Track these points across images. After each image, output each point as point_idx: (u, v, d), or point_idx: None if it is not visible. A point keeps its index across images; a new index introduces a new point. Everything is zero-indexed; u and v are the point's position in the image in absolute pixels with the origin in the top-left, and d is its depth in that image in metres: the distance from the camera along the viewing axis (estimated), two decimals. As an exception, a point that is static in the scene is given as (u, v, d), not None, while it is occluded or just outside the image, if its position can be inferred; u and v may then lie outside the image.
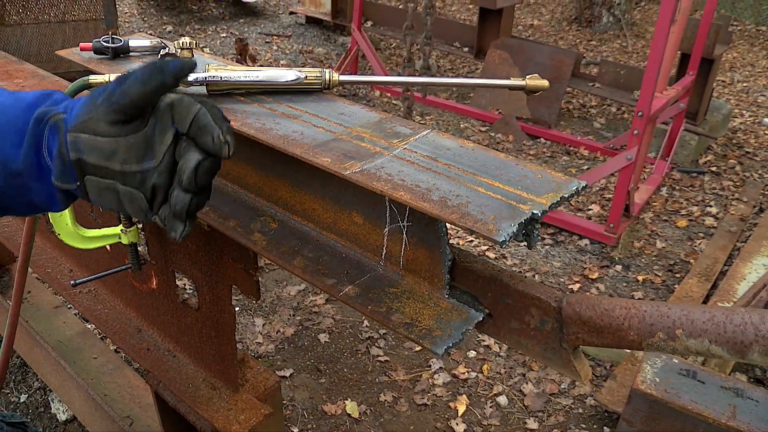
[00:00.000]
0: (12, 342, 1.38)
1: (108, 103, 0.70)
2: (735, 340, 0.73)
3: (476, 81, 1.18)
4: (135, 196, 0.73)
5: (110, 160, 0.71)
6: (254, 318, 3.18)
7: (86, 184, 0.74)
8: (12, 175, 0.73)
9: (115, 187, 0.73)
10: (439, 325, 0.89)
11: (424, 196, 0.81)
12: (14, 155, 0.72)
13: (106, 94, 0.71)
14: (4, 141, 0.72)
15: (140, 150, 0.72)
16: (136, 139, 0.71)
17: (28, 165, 0.73)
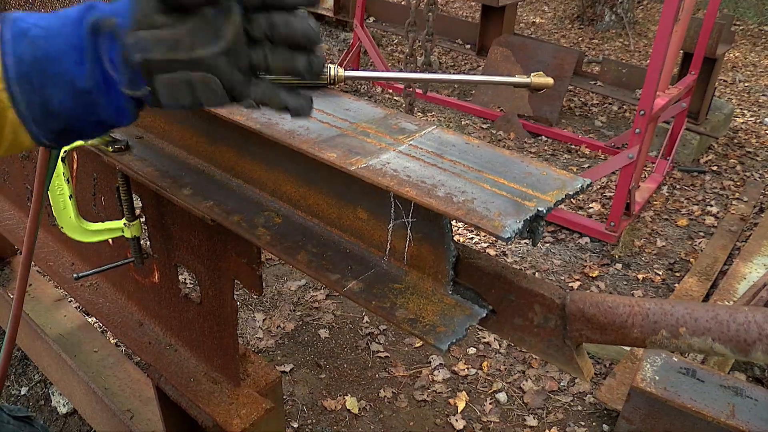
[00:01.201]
0: (15, 336, 1.39)
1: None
2: (738, 338, 0.74)
3: (482, 78, 1.18)
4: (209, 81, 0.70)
5: (176, 50, 0.68)
6: (255, 313, 3.18)
7: (156, 84, 0.71)
8: (81, 94, 0.71)
9: (188, 76, 0.70)
10: (442, 321, 0.89)
11: (430, 192, 0.81)
12: (80, 73, 0.71)
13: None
14: (67, 61, 0.70)
15: (203, 33, 0.68)
16: (196, 23, 0.68)
17: (95, 80, 0.71)
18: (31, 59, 0.70)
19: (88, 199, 1.67)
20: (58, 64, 0.70)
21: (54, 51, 0.70)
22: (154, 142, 1.36)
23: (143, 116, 1.39)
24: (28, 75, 0.70)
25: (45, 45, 0.70)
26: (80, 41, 0.71)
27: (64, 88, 0.71)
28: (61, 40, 0.71)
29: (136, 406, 2.02)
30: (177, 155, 1.31)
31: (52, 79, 0.71)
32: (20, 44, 0.70)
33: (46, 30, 0.71)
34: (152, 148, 1.34)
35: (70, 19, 0.72)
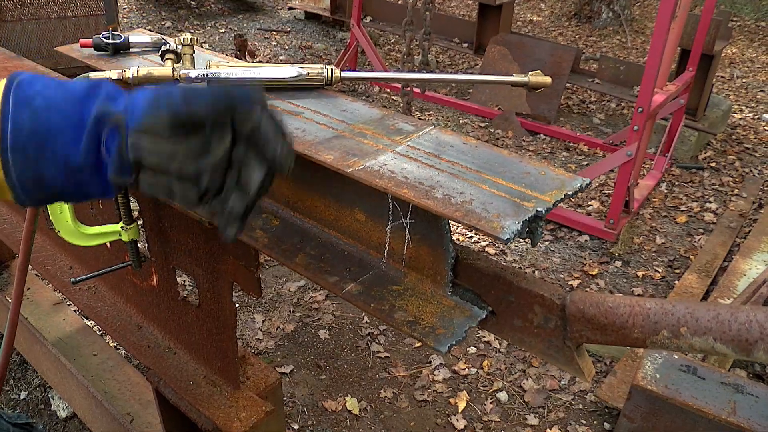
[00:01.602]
0: (12, 340, 1.38)
1: (173, 115, 0.72)
2: (740, 338, 0.73)
3: (479, 78, 1.17)
4: (187, 191, 0.75)
5: (169, 161, 0.73)
6: (254, 314, 3.18)
7: (141, 179, 0.75)
8: (72, 171, 0.74)
9: (170, 184, 0.75)
10: (442, 323, 0.89)
11: (428, 193, 0.81)
12: (74, 152, 0.73)
13: (172, 108, 0.72)
14: (64, 138, 0.73)
15: (198, 151, 0.73)
16: (195, 142, 0.73)
17: (88, 162, 0.74)
18: (30, 131, 0.72)
19: (86, 202, 1.66)
20: (54, 140, 0.72)
21: (53, 126, 0.72)
22: (150, 145, 1.35)
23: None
24: (25, 147, 0.72)
25: (45, 118, 0.72)
26: (80, 120, 0.73)
27: (57, 164, 0.73)
28: (61, 116, 0.73)
29: (136, 409, 2.02)
30: (174, 158, 1.30)
31: (48, 154, 0.73)
32: (22, 113, 0.72)
33: (49, 102, 0.73)
34: (149, 151, 1.33)
35: (74, 95, 0.74)
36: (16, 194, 0.74)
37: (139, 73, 1.05)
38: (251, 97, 0.74)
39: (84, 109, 0.73)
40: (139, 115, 0.73)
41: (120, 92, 0.77)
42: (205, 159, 0.74)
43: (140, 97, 0.74)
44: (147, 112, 0.72)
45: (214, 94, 0.73)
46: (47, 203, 0.78)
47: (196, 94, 0.73)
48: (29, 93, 0.73)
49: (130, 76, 1.05)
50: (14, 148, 0.71)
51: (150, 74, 1.06)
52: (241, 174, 0.76)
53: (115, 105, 0.75)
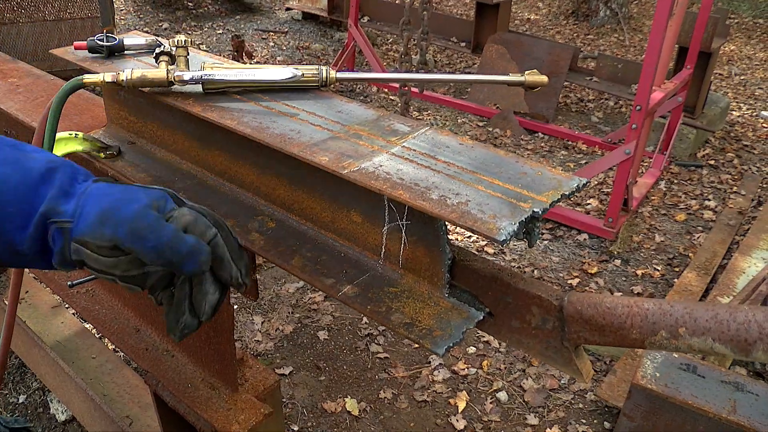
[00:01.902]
0: (9, 343, 1.37)
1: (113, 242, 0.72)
2: (739, 338, 0.73)
3: (475, 77, 1.17)
4: (132, 288, 0.78)
5: (112, 269, 0.74)
6: (253, 316, 3.17)
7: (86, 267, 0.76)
8: (16, 254, 0.75)
9: (115, 280, 0.77)
10: (439, 325, 0.88)
11: (423, 194, 0.80)
12: (19, 238, 0.73)
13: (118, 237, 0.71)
14: (11, 224, 0.73)
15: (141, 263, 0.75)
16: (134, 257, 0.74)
17: (34, 250, 0.75)
18: None
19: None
20: (3, 224, 0.73)
21: (4, 210, 0.72)
22: (146, 148, 1.35)
23: (134, 122, 1.38)
24: None
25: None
26: (30, 210, 0.73)
27: (3, 245, 0.74)
28: (12, 200, 0.72)
29: (135, 412, 2.01)
30: (169, 160, 1.30)
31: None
32: None
33: (2, 183, 0.73)
34: (144, 154, 1.33)
35: (29, 179, 0.74)
36: None
37: (132, 76, 1.05)
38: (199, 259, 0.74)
39: (36, 198, 0.73)
40: (83, 228, 0.72)
41: (75, 183, 0.76)
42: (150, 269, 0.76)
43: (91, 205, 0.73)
44: (91, 228, 0.72)
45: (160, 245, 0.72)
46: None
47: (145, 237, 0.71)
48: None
49: (124, 78, 1.05)
50: None
51: (144, 76, 1.05)
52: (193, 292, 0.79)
53: (66, 203, 0.74)
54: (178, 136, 1.27)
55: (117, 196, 0.74)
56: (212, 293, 0.79)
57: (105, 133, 1.45)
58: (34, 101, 1.78)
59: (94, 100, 1.79)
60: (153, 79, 1.05)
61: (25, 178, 0.73)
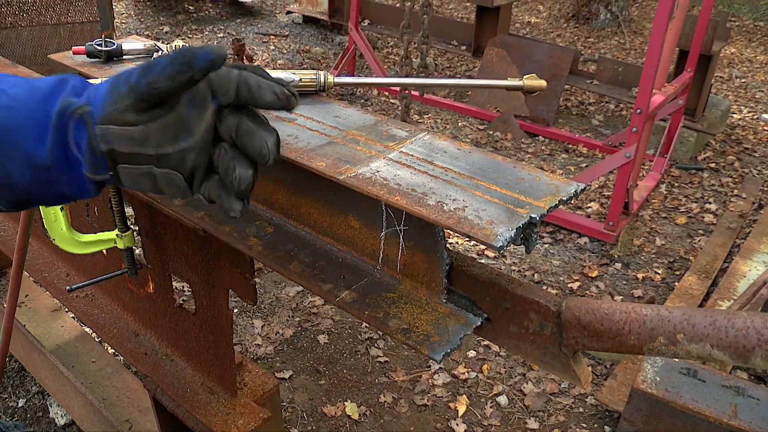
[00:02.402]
0: (7, 347, 1.37)
1: (134, 94, 0.67)
2: (737, 344, 0.72)
3: (474, 82, 1.16)
4: (172, 177, 0.70)
5: (143, 146, 0.68)
6: (253, 320, 3.17)
7: (119, 172, 0.71)
8: (39, 170, 0.70)
9: (151, 171, 0.70)
10: (437, 331, 0.88)
11: (420, 200, 0.80)
12: (39, 150, 0.69)
13: (131, 86, 0.67)
14: (26, 136, 0.69)
15: (174, 130, 0.68)
16: (168, 120, 0.68)
17: (56, 159, 0.70)
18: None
19: (81, 209, 1.65)
20: (17, 138, 0.69)
21: (15, 124, 0.69)
22: (144, 152, 1.34)
23: (133, 126, 1.38)
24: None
25: (8, 116, 0.69)
26: (44, 118, 0.69)
27: (21, 162, 0.70)
28: (23, 113, 0.69)
29: (134, 416, 2.01)
30: (168, 165, 1.30)
31: (11, 152, 0.69)
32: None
33: (13, 100, 0.70)
34: (143, 158, 1.33)
35: (39, 92, 0.70)
36: None
37: (131, 81, 1.04)
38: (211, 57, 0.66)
39: (49, 106, 0.69)
40: (101, 102, 0.68)
41: (86, 85, 0.72)
42: (185, 138, 0.69)
43: (102, 85, 0.70)
44: (108, 97, 0.68)
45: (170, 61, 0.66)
46: (23, 207, 0.74)
47: (153, 65, 0.66)
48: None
49: (122, 83, 1.04)
50: None
51: (142, 82, 1.05)
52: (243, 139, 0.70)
53: (78, 97, 0.70)
54: (177, 141, 1.27)
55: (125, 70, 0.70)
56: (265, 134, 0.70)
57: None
58: (34, 105, 1.78)
59: (94, 104, 1.79)
60: (151, 84, 1.05)
61: (35, 91, 0.70)
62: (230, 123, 0.70)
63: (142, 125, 0.68)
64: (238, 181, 0.70)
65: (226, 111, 0.71)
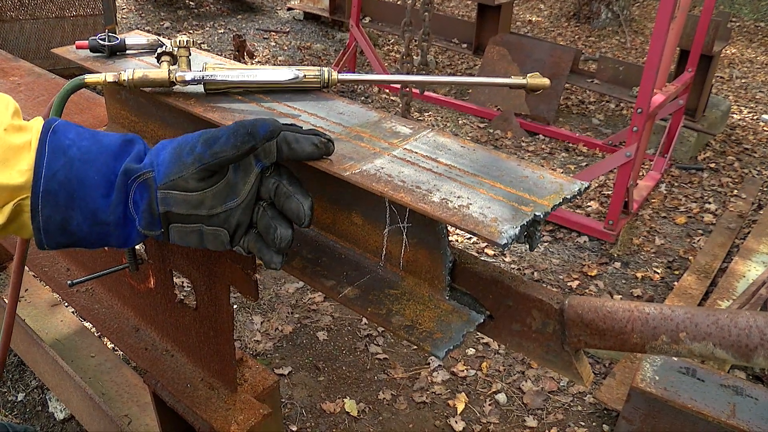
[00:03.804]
0: (8, 341, 1.37)
1: (198, 163, 0.74)
2: (740, 343, 0.72)
3: (477, 80, 1.16)
4: (219, 234, 0.78)
5: (198, 208, 0.75)
6: (253, 316, 3.17)
7: (171, 230, 0.78)
8: (99, 223, 0.75)
9: (201, 229, 0.77)
10: (439, 328, 0.88)
11: (425, 197, 0.80)
12: (103, 206, 0.74)
13: (196, 156, 0.74)
14: (95, 192, 0.74)
15: (225, 193, 0.76)
16: (221, 186, 0.76)
17: (117, 216, 0.75)
18: (63, 180, 0.72)
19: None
20: (85, 193, 0.73)
21: (86, 179, 0.73)
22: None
23: (136, 121, 1.38)
24: (56, 193, 0.72)
25: (79, 169, 0.73)
26: (111, 176, 0.74)
27: (85, 215, 0.74)
28: (94, 169, 0.74)
29: (133, 411, 2.01)
30: (170, 160, 1.30)
31: (77, 204, 0.73)
32: (57, 160, 0.72)
33: (84, 154, 0.74)
34: (145, 153, 1.33)
35: (108, 150, 0.75)
36: (38, 237, 0.75)
37: (134, 76, 1.04)
38: (270, 127, 0.75)
39: (116, 166, 0.75)
40: (164, 169, 0.74)
41: (147, 149, 0.78)
42: (232, 199, 0.76)
43: (163, 152, 0.76)
44: (172, 165, 0.74)
45: (233, 133, 0.74)
46: (65, 248, 0.78)
47: (215, 137, 0.74)
48: (65, 141, 0.73)
49: (126, 78, 1.04)
50: (46, 193, 0.72)
51: (146, 77, 1.05)
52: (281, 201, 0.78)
53: (140, 162, 0.76)
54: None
55: (179, 139, 0.77)
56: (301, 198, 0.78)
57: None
58: (36, 100, 1.78)
59: (96, 99, 1.79)
60: (154, 80, 1.05)
61: (105, 149, 0.75)
62: (270, 185, 0.78)
63: (201, 192, 0.75)
64: (280, 239, 0.78)
65: (267, 176, 0.79)
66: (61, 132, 0.74)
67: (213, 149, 0.73)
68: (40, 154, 0.72)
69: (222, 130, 0.74)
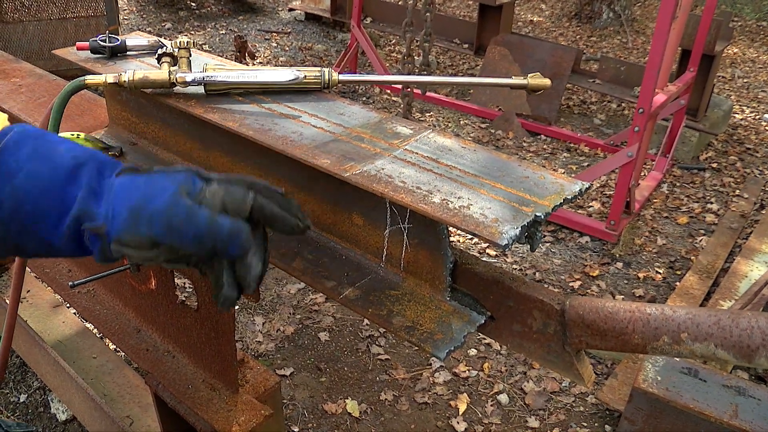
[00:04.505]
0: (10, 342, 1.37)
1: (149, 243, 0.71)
2: (741, 344, 0.72)
3: (478, 80, 1.16)
4: (179, 267, 0.77)
5: (154, 260, 0.74)
6: (254, 317, 3.17)
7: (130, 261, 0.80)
8: (53, 249, 0.73)
9: (160, 263, 0.76)
10: (440, 328, 0.88)
11: (425, 198, 0.80)
12: (55, 237, 0.72)
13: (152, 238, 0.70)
14: (45, 222, 0.71)
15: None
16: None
17: (71, 249, 0.73)
18: (11, 210, 0.70)
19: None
20: (35, 224, 0.71)
21: (35, 208, 0.70)
22: (148, 149, 1.35)
23: (136, 123, 1.38)
24: (7, 222, 0.70)
25: (26, 200, 0.70)
26: (62, 205, 0.71)
27: (40, 244, 0.73)
28: (43, 198, 0.70)
29: (135, 412, 2.01)
30: (171, 161, 1.30)
31: (29, 234, 0.71)
32: (3, 188, 0.69)
33: (32, 179, 0.70)
34: (146, 155, 1.33)
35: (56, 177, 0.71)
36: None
37: (135, 77, 1.04)
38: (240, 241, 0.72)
39: (65, 196, 0.71)
40: (118, 228, 0.71)
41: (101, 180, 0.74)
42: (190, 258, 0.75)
43: (120, 205, 0.71)
44: (126, 228, 0.70)
45: (198, 235, 0.70)
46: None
47: (179, 226, 0.70)
48: (12, 166, 0.70)
49: (126, 79, 1.04)
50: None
51: (146, 78, 1.05)
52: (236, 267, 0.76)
53: (97, 204, 0.72)
54: (180, 138, 1.27)
55: (142, 189, 0.71)
56: (255, 266, 0.76)
57: (107, 134, 1.45)
58: (37, 101, 1.78)
59: (97, 100, 1.79)
60: (155, 81, 1.05)
61: (53, 175, 0.71)
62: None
63: (156, 250, 0.72)
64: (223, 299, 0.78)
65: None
66: (10, 152, 0.70)
67: (174, 240, 0.70)
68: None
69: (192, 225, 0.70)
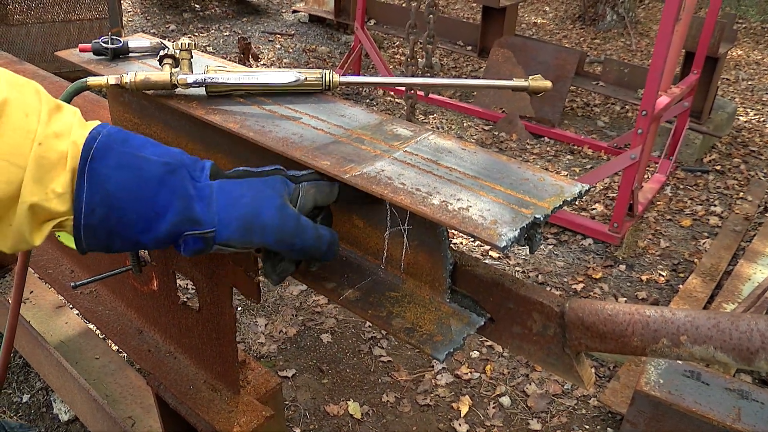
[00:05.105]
0: (12, 343, 1.38)
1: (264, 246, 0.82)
2: (741, 347, 0.72)
3: (479, 82, 1.16)
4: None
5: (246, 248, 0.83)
6: (257, 318, 3.17)
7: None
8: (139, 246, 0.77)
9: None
10: (440, 330, 0.88)
11: (425, 199, 0.80)
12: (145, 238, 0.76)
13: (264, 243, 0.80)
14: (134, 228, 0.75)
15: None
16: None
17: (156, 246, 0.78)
18: (103, 216, 0.72)
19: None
20: (126, 229, 0.74)
21: (125, 216, 0.73)
22: (150, 150, 1.35)
23: (139, 124, 1.38)
24: (96, 228, 0.73)
25: (118, 207, 0.73)
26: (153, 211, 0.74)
27: (127, 243, 0.76)
28: (133, 208, 0.73)
29: (137, 413, 2.01)
30: (173, 162, 1.30)
31: (118, 237, 0.75)
32: (95, 195, 0.71)
33: (122, 190, 0.72)
34: (148, 156, 1.33)
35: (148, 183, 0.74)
36: (81, 251, 0.76)
37: (136, 78, 1.05)
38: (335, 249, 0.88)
39: (157, 202, 0.74)
40: (228, 234, 0.78)
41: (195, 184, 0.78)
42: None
43: (227, 213, 0.78)
44: (237, 236, 0.78)
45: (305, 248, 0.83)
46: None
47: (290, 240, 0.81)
48: (102, 173, 0.71)
49: (128, 81, 1.05)
50: (86, 227, 0.72)
51: (148, 79, 1.05)
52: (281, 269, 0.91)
53: (199, 212, 0.76)
54: (182, 139, 1.28)
55: (247, 199, 0.79)
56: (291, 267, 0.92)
57: (109, 135, 1.45)
58: (40, 102, 1.79)
59: (100, 101, 1.79)
60: (156, 82, 1.06)
61: (144, 184, 0.74)
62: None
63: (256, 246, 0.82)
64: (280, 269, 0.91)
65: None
66: (99, 160, 0.72)
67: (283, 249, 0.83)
68: (79, 186, 0.70)
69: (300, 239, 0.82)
